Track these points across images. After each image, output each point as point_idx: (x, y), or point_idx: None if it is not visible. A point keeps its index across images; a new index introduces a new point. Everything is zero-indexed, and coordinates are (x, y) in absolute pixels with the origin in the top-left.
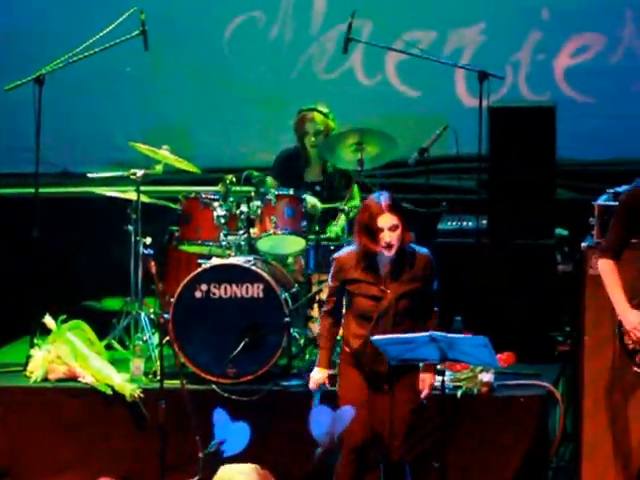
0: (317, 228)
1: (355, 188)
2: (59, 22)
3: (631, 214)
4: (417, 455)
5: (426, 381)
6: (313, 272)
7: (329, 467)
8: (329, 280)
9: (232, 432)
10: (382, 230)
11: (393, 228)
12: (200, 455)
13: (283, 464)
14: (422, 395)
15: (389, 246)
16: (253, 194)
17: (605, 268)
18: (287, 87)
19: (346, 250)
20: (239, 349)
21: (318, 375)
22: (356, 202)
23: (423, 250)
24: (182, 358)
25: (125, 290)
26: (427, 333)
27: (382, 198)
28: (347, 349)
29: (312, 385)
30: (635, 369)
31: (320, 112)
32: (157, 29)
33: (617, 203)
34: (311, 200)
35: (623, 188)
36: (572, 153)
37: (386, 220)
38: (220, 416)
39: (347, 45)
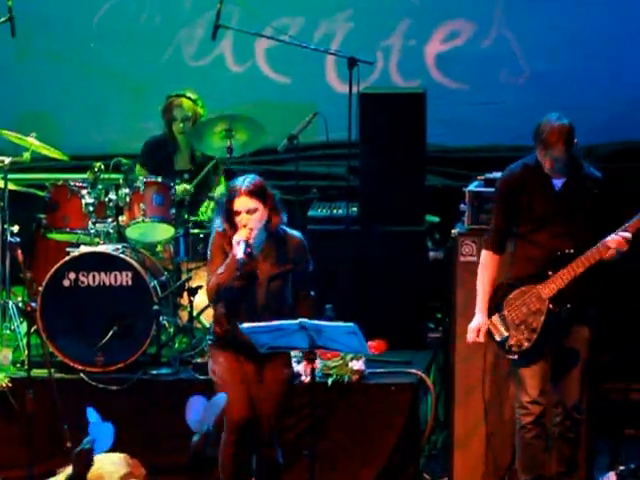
0: (186, 216)
1: (222, 175)
2: None
3: (505, 201)
4: (287, 443)
5: None
6: (182, 260)
7: (207, 455)
8: None
9: (101, 431)
10: (239, 213)
11: (251, 211)
12: (68, 444)
13: (153, 452)
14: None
15: (250, 229)
16: (122, 182)
17: (481, 261)
18: (156, 73)
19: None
20: (108, 338)
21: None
22: (222, 189)
23: (295, 233)
24: (50, 347)
25: None
26: (296, 321)
27: (244, 181)
28: (218, 330)
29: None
30: (510, 357)
31: (188, 98)
32: (25, 15)
33: (491, 190)
34: (180, 186)
35: (493, 174)
36: (442, 139)
37: (242, 203)
38: (92, 415)
39: (216, 32)
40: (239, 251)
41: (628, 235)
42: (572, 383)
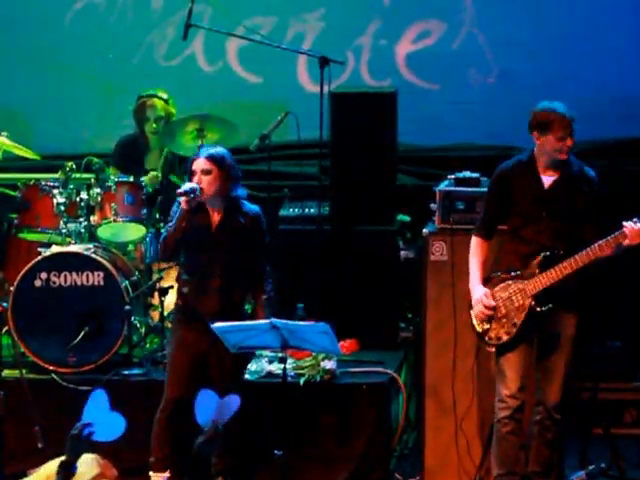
0: (157, 216)
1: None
2: None
3: (496, 195)
4: (259, 444)
5: None
6: (154, 260)
7: (206, 457)
8: None
9: (105, 419)
10: (195, 173)
11: (205, 172)
12: (40, 445)
13: (124, 452)
14: None
15: (200, 190)
16: (93, 181)
17: (471, 244)
18: (128, 73)
19: None
20: (79, 338)
21: None
22: None
23: (252, 206)
24: (21, 347)
25: None
26: (267, 320)
27: (208, 147)
28: (180, 302)
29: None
30: (488, 349)
31: (160, 98)
32: None
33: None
34: (150, 175)
35: (464, 174)
36: (413, 139)
37: (199, 164)
38: (98, 398)
39: (187, 31)
40: (182, 189)
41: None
42: (554, 382)
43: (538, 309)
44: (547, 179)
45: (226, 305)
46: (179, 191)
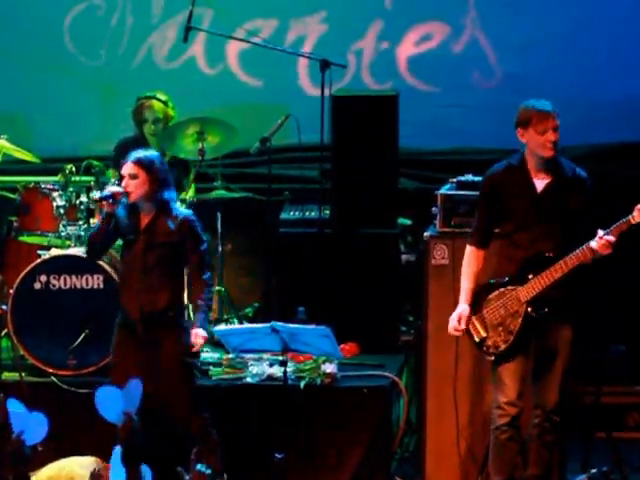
0: None
1: (191, 178)
2: None
3: (487, 200)
4: (258, 447)
5: (199, 334)
6: None
7: (137, 446)
8: None
9: (30, 422)
10: (124, 177)
11: (132, 177)
12: (40, 448)
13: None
14: (194, 348)
15: (126, 193)
16: (93, 184)
17: (465, 254)
18: (128, 76)
19: None
20: (79, 341)
21: None
22: (192, 192)
23: (183, 211)
24: (21, 350)
25: None
26: (268, 324)
27: (138, 152)
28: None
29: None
30: (487, 358)
31: (159, 100)
32: None
33: (462, 193)
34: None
35: (465, 177)
36: (414, 142)
37: (126, 168)
38: (14, 406)
39: (187, 34)
40: (97, 195)
41: (612, 238)
42: (552, 385)
43: (534, 314)
44: (539, 183)
45: (146, 310)
46: (95, 197)
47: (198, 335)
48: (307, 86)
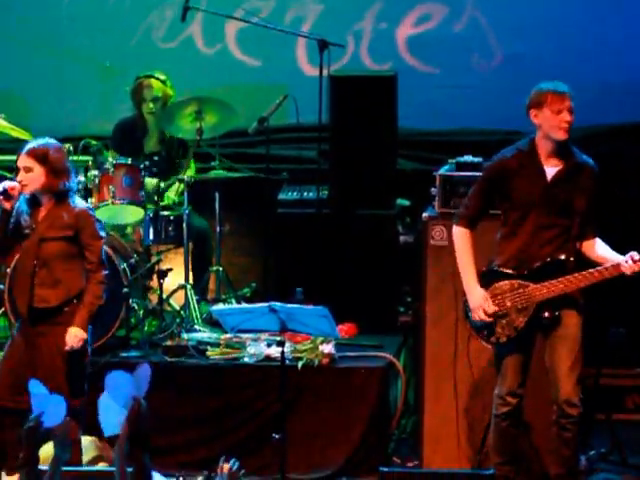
0: (156, 198)
1: (191, 157)
2: None
3: (491, 185)
4: (257, 427)
5: (71, 334)
6: (152, 242)
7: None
8: None
9: (49, 404)
10: (19, 170)
11: (26, 170)
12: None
13: None
14: (65, 348)
15: (23, 185)
16: (91, 163)
17: (458, 236)
18: (126, 55)
19: None
20: None
21: None
22: (192, 172)
23: (81, 204)
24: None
25: None
26: (266, 304)
27: (32, 143)
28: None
29: None
30: (484, 344)
31: (157, 79)
32: None
33: (462, 174)
34: (149, 182)
35: (465, 158)
36: (413, 123)
37: (21, 161)
38: (36, 388)
39: (186, 13)
40: None
41: None
42: (562, 377)
43: (549, 318)
44: (550, 170)
45: (35, 305)
46: None
47: (71, 334)
48: (305, 66)
